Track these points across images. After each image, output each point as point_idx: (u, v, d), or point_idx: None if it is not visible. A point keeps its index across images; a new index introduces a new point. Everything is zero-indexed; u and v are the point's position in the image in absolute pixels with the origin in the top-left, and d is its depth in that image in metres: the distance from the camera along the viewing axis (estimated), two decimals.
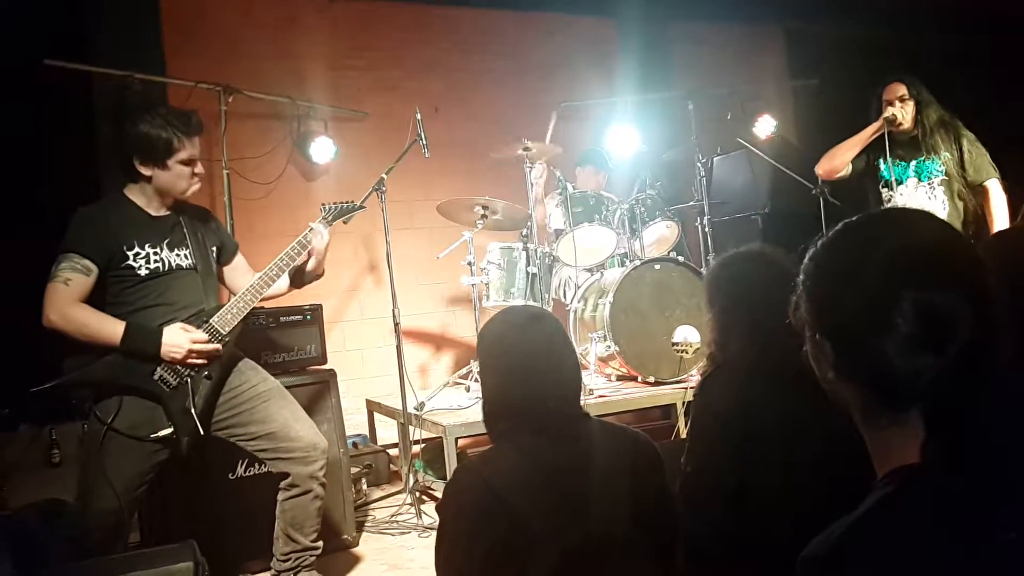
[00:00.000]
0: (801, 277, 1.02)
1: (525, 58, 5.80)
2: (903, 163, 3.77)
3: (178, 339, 2.53)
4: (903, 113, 3.72)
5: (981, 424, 0.86)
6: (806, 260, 1.01)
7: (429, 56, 5.52)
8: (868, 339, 0.90)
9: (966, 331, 0.87)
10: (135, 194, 2.65)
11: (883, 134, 3.71)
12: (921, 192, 3.73)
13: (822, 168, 3.95)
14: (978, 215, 3.69)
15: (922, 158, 3.72)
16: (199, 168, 2.66)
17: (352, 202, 3.05)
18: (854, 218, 1.01)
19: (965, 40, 6.11)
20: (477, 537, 1.47)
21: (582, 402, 1.75)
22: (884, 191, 3.81)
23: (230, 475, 3.14)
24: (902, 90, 3.73)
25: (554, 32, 5.87)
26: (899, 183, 3.76)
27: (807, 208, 4.77)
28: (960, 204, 3.69)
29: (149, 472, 2.58)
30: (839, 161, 3.87)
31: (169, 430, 2.54)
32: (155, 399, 2.54)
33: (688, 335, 3.95)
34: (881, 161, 3.79)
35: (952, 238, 0.96)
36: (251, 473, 3.15)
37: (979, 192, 3.70)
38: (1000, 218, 3.65)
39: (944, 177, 3.69)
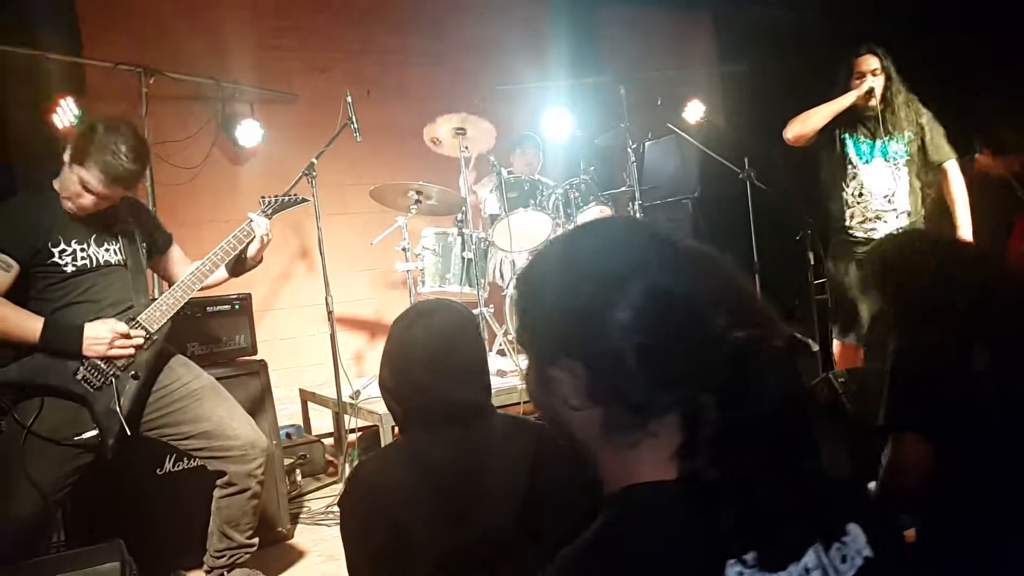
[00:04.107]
0: (523, 309, 0.93)
1: (458, 40, 5.74)
2: (869, 141, 3.66)
3: (100, 331, 2.44)
4: (878, 86, 3.59)
5: (737, 425, 0.81)
6: (522, 291, 0.94)
7: (361, 38, 5.41)
8: (616, 353, 0.83)
9: (724, 330, 0.83)
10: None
11: (852, 108, 3.59)
12: (887, 172, 3.64)
13: (792, 132, 3.74)
14: (935, 196, 3.65)
15: (888, 138, 3.62)
16: (87, 200, 2.42)
17: (295, 195, 2.96)
18: (548, 245, 0.97)
19: (894, 23, 6.27)
20: (364, 537, 1.48)
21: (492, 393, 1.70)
22: (850, 168, 3.69)
23: (158, 470, 3.05)
24: (875, 63, 3.61)
25: (486, 14, 5.83)
26: (866, 163, 3.66)
27: (735, 192, 4.89)
28: (919, 184, 3.63)
29: (72, 475, 2.47)
30: (810, 127, 3.68)
31: (94, 432, 2.44)
32: (79, 400, 2.44)
33: None
34: (847, 136, 3.69)
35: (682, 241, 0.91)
36: (180, 468, 3.07)
37: (937, 172, 3.64)
38: (961, 200, 3.60)
39: (908, 157, 3.61)
